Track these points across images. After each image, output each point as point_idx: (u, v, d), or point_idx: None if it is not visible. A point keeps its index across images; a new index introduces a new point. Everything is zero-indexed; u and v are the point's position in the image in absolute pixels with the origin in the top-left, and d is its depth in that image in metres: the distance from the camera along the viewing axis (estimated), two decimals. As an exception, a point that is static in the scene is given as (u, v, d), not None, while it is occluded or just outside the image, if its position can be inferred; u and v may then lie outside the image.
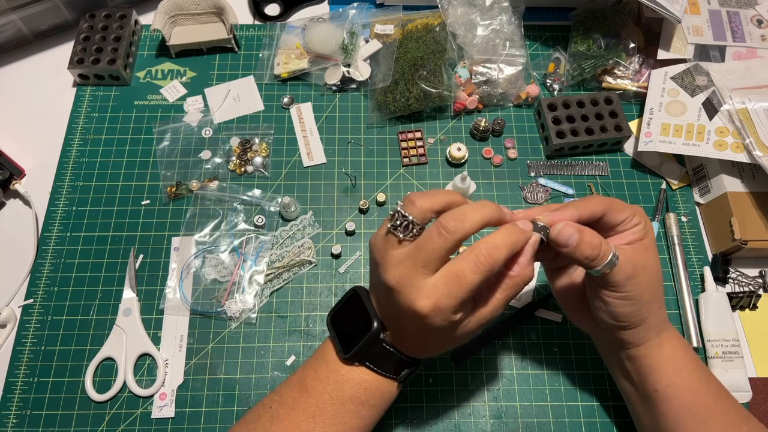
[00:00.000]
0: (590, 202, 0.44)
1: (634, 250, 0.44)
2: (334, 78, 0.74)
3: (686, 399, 0.46)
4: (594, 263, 0.42)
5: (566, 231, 0.42)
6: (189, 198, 0.67)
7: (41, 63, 0.76)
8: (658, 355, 0.47)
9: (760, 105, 0.65)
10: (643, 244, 0.45)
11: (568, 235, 0.42)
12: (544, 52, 0.78)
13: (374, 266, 0.43)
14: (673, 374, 0.47)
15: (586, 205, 0.44)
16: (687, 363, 0.48)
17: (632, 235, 0.45)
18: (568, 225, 0.42)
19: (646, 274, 0.44)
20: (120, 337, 0.59)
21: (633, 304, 0.45)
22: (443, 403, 0.58)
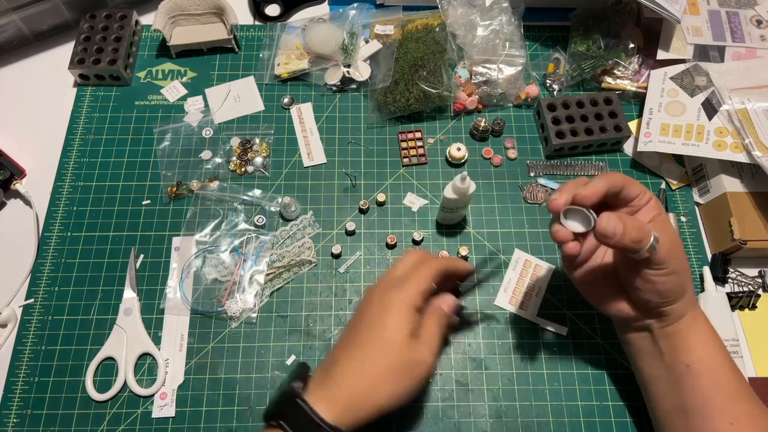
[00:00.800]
0: (612, 176, 0.46)
1: (661, 225, 0.46)
2: (334, 78, 0.74)
3: (715, 375, 0.47)
4: (640, 245, 0.43)
5: (612, 221, 0.43)
6: (189, 198, 0.67)
7: (42, 63, 0.77)
8: (694, 329, 0.48)
9: (759, 105, 0.65)
10: (661, 219, 0.47)
11: (614, 225, 0.43)
12: (544, 53, 0.78)
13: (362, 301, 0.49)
14: (704, 349, 0.48)
15: (609, 178, 0.46)
16: (715, 340, 0.49)
17: (651, 211, 0.47)
18: (611, 216, 0.43)
19: (677, 248, 0.46)
20: (120, 336, 0.59)
21: (677, 277, 0.46)
22: (443, 403, 0.58)
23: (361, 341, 0.45)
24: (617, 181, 0.46)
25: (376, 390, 0.43)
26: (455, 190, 0.57)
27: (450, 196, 0.58)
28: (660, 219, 0.47)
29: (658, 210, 0.47)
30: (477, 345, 0.60)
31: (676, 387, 0.49)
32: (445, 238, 0.66)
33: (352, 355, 0.44)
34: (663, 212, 0.47)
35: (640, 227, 0.43)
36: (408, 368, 0.44)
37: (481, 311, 0.62)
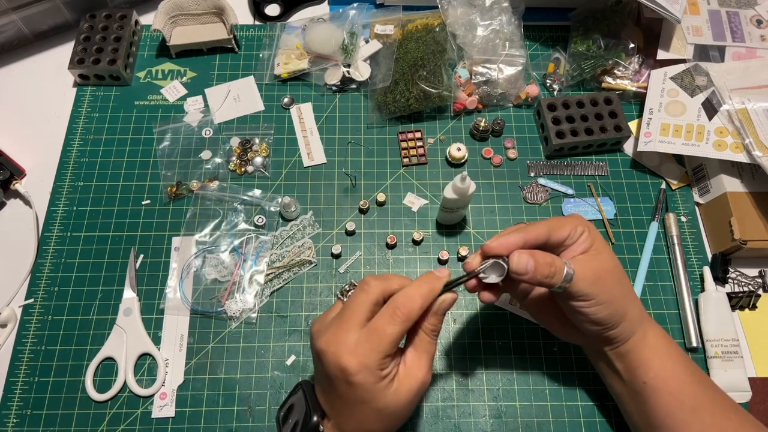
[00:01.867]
0: (534, 228, 0.46)
1: (588, 258, 0.46)
2: (334, 78, 0.74)
3: (673, 389, 0.47)
4: (553, 281, 0.44)
5: (522, 258, 0.43)
6: (189, 198, 0.67)
7: (42, 63, 0.77)
8: (643, 347, 0.48)
9: (759, 105, 0.65)
10: (595, 248, 0.46)
11: (525, 262, 0.43)
12: (544, 53, 0.78)
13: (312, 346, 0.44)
14: (659, 365, 0.48)
15: (529, 230, 0.46)
16: (671, 352, 0.49)
17: (582, 245, 0.46)
18: (522, 253, 0.44)
19: (609, 275, 0.46)
20: (120, 336, 0.59)
21: (608, 306, 0.46)
22: (443, 403, 0.58)
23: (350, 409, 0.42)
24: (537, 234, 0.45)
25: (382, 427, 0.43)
26: (455, 190, 0.57)
27: (450, 196, 0.58)
28: (592, 251, 0.46)
29: (590, 242, 0.46)
30: (477, 345, 0.60)
31: (639, 404, 0.49)
32: (445, 238, 0.66)
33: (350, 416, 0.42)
34: (597, 243, 0.47)
35: (550, 263, 0.44)
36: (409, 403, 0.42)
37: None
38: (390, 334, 0.40)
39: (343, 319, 0.42)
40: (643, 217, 0.68)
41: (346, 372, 0.40)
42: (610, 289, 0.46)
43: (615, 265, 0.47)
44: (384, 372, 0.41)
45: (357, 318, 0.42)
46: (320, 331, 0.43)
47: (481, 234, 0.66)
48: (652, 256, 0.65)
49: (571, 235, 0.46)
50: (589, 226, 0.47)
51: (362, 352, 0.40)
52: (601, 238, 0.48)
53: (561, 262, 0.44)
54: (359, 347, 0.40)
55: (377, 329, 0.41)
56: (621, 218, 0.67)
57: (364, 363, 0.40)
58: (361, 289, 0.43)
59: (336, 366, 0.40)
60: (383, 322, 0.41)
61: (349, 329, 0.41)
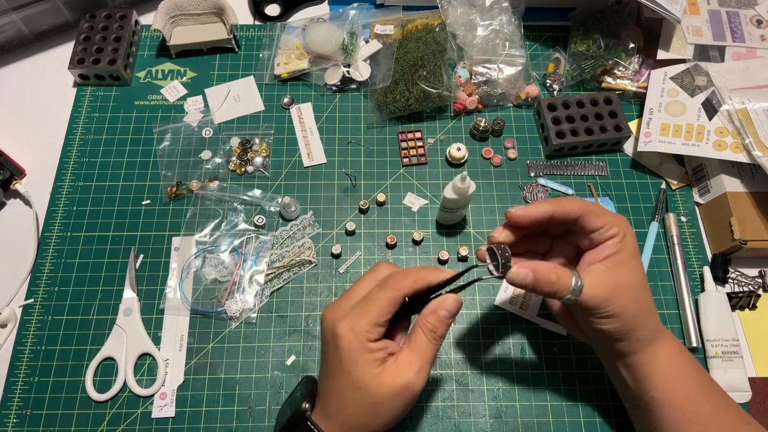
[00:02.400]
0: (568, 202, 0.45)
1: (606, 270, 0.44)
2: (334, 78, 0.74)
3: (682, 405, 0.46)
4: (556, 295, 0.43)
5: (520, 274, 0.43)
6: (189, 198, 0.67)
7: (42, 63, 0.77)
8: (652, 363, 0.47)
9: (759, 105, 0.65)
10: (617, 260, 0.44)
11: (523, 277, 0.43)
12: (544, 53, 0.78)
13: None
14: (668, 381, 0.47)
15: (562, 203, 0.44)
16: (682, 369, 0.47)
17: (607, 250, 0.44)
18: (521, 268, 0.43)
19: (624, 292, 0.44)
20: (120, 336, 0.59)
21: (616, 321, 0.45)
22: (443, 403, 0.58)
23: (336, 384, 0.43)
24: (568, 210, 0.44)
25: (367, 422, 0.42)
26: (455, 190, 0.57)
27: (450, 196, 0.58)
28: (614, 260, 0.44)
29: (616, 249, 0.44)
30: (477, 345, 0.60)
31: (646, 415, 0.49)
32: (445, 238, 0.66)
33: (333, 393, 0.43)
34: (624, 252, 0.44)
35: (553, 280, 0.43)
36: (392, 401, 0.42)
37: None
38: (379, 299, 0.42)
39: (348, 291, 0.45)
40: (643, 217, 0.68)
41: (336, 335, 0.42)
42: (623, 304, 0.44)
43: (635, 280, 0.45)
44: (371, 344, 0.42)
45: (360, 291, 0.44)
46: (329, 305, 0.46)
47: (481, 234, 0.66)
48: (652, 256, 0.65)
49: (601, 231, 0.44)
50: (626, 231, 0.45)
51: (353, 317, 0.42)
52: (632, 247, 0.45)
53: (568, 276, 0.43)
54: (351, 313, 0.43)
55: (368, 296, 0.43)
56: (621, 218, 0.67)
57: (352, 326, 0.42)
58: (372, 268, 0.46)
59: (330, 330, 0.43)
60: (374, 290, 0.43)
61: (350, 299, 0.44)
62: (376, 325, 0.42)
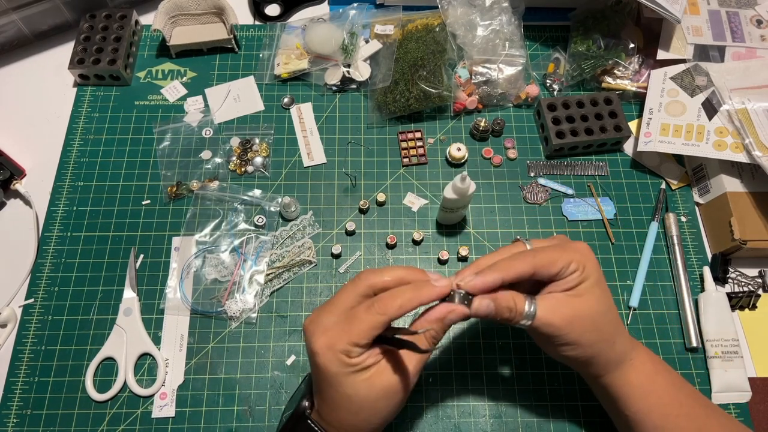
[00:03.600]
0: (517, 263, 0.44)
1: (564, 299, 0.44)
2: (334, 78, 0.74)
3: (657, 423, 0.46)
4: (512, 322, 0.44)
5: (482, 305, 0.43)
6: (189, 198, 0.67)
7: (42, 63, 0.77)
8: (623, 384, 0.47)
9: (759, 105, 0.65)
10: (576, 292, 0.44)
11: (485, 308, 0.43)
12: (544, 53, 0.78)
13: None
14: (641, 400, 0.47)
15: (511, 266, 0.44)
16: (655, 388, 0.47)
17: (566, 284, 0.45)
18: (482, 299, 0.43)
19: (582, 322, 0.44)
20: (120, 336, 0.59)
21: (575, 348, 0.45)
22: (443, 403, 0.58)
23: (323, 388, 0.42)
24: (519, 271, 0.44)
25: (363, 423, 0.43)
26: (455, 190, 0.57)
27: (450, 196, 0.58)
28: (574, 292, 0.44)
29: (576, 282, 0.44)
30: (477, 345, 0.60)
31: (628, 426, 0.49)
32: (445, 238, 0.66)
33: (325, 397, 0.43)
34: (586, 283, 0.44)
35: (511, 307, 0.43)
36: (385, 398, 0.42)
37: None
38: (362, 321, 0.40)
39: (329, 303, 0.43)
40: (643, 217, 0.68)
41: (313, 351, 0.41)
42: (579, 333, 0.44)
43: (595, 309, 0.45)
44: (352, 360, 0.40)
45: (341, 304, 0.42)
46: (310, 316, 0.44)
47: (481, 234, 0.66)
48: (652, 256, 0.65)
49: (561, 273, 0.44)
50: (585, 264, 0.45)
51: (332, 334, 0.41)
52: (594, 276, 0.45)
53: (522, 302, 0.44)
54: (331, 329, 0.41)
55: (352, 315, 0.41)
56: (621, 218, 0.68)
57: (330, 344, 0.40)
58: (352, 281, 0.43)
59: (308, 344, 0.42)
60: (360, 310, 0.41)
61: (330, 312, 0.42)
62: (355, 346, 0.40)
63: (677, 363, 0.60)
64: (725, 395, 0.58)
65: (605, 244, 0.66)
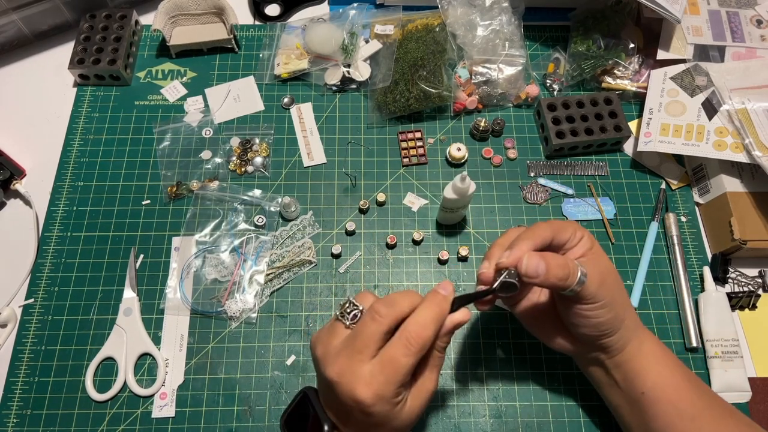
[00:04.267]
0: (539, 230, 0.46)
1: (591, 260, 0.46)
2: (334, 78, 0.74)
3: (672, 398, 0.47)
4: (567, 283, 0.44)
5: (533, 262, 0.43)
6: (189, 198, 0.67)
7: (42, 63, 0.77)
8: (639, 357, 0.48)
9: (759, 105, 0.65)
10: (594, 252, 0.47)
11: (536, 265, 0.43)
12: (544, 53, 0.78)
13: (316, 364, 0.43)
14: (656, 374, 0.48)
15: (535, 234, 0.46)
16: (667, 361, 0.49)
17: (582, 248, 0.47)
18: (531, 256, 0.43)
19: (612, 277, 0.47)
20: (120, 336, 0.59)
21: (610, 310, 0.46)
22: (443, 403, 0.58)
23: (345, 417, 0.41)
24: (543, 236, 0.46)
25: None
26: (455, 190, 0.57)
27: (450, 196, 0.58)
28: (592, 254, 0.47)
29: (590, 245, 0.47)
30: (477, 345, 0.60)
31: (639, 414, 0.49)
32: (445, 238, 0.66)
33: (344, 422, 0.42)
34: (595, 246, 0.47)
35: (563, 265, 0.43)
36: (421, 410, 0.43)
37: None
38: (405, 365, 0.39)
39: (355, 349, 0.40)
40: (643, 217, 0.68)
41: (363, 404, 0.39)
42: (612, 292, 0.46)
43: (614, 269, 0.48)
44: (398, 398, 0.41)
45: (370, 349, 0.40)
46: (327, 356, 0.42)
47: (481, 234, 0.66)
48: (652, 256, 0.65)
49: (571, 238, 0.47)
50: (588, 233, 0.48)
51: (377, 385, 0.39)
52: (597, 244, 0.48)
53: (575, 264, 0.44)
54: (374, 379, 0.39)
55: (391, 360, 0.39)
56: (621, 218, 0.68)
57: (380, 395, 0.39)
58: (372, 318, 0.41)
59: (351, 398, 0.39)
60: (398, 354, 0.40)
61: (363, 360, 0.40)
62: (401, 386, 0.40)
63: (677, 363, 0.60)
64: (725, 395, 0.58)
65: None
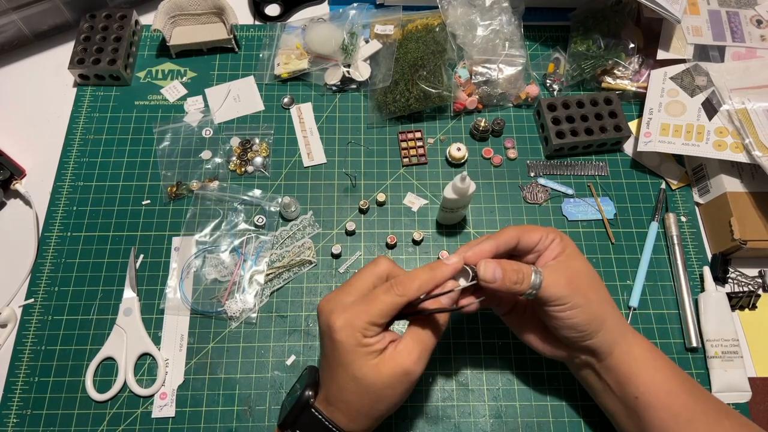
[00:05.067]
0: (505, 233, 0.48)
1: (558, 263, 0.47)
2: (334, 78, 0.74)
3: (666, 402, 0.47)
4: (521, 287, 0.45)
5: (489, 267, 0.45)
6: (189, 198, 0.67)
7: (42, 63, 0.77)
8: (630, 360, 0.48)
9: (759, 105, 0.65)
10: (566, 254, 0.48)
11: (492, 270, 0.45)
12: (544, 53, 0.78)
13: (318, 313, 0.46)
14: (649, 378, 0.47)
15: (501, 235, 0.48)
16: (659, 364, 0.48)
17: (553, 251, 0.48)
18: (488, 262, 0.45)
19: (582, 279, 0.47)
20: (120, 336, 0.59)
21: (584, 310, 0.46)
22: (443, 403, 0.58)
23: (333, 371, 0.43)
24: (507, 239, 0.48)
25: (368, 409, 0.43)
26: (455, 190, 0.57)
27: (450, 196, 0.58)
28: (564, 257, 0.47)
29: (561, 248, 0.48)
30: (477, 345, 0.60)
31: (633, 418, 0.49)
32: (445, 238, 0.66)
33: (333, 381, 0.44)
34: (569, 249, 0.48)
35: (517, 269, 0.45)
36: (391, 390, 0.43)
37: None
38: (381, 302, 0.42)
39: (347, 284, 0.45)
40: (643, 217, 0.68)
41: (331, 327, 0.42)
42: (584, 292, 0.46)
43: (588, 271, 0.48)
44: (367, 339, 0.42)
45: (359, 286, 0.44)
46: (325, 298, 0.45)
47: (481, 234, 0.66)
48: (652, 256, 0.65)
49: (541, 241, 0.48)
50: (562, 235, 0.49)
51: (352, 312, 0.42)
52: (574, 246, 0.49)
53: (528, 268, 0.45)
54: (351, 308, 0.43)
55: (372, 296, 0.43)
56: (621, 218, 0.68)
57: (349, 321, 0.42)
58: (372, 263, 0.46)
59: (326, 321, 0.43)
60: (379, 291, 0.43)
61: (349, 293, 0.44)
62: (373, 325, 0.42)
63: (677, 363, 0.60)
64: (725, 395, 0.58)
65: (605, 244, 0.66)
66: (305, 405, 0.44)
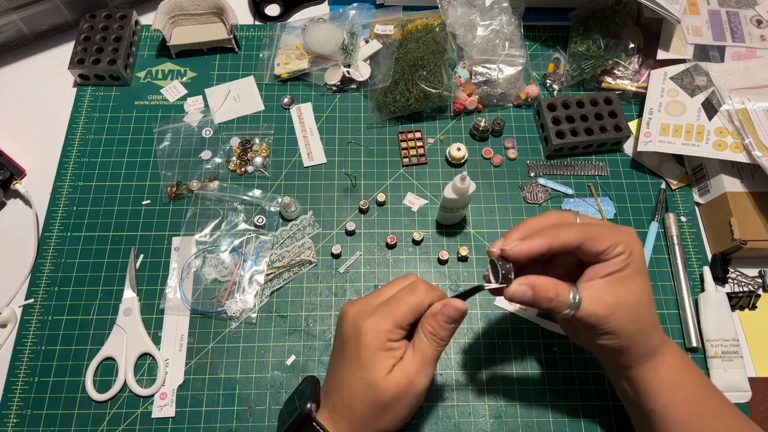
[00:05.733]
0: (565, 232, 0.43)
1: (607, 287, 0.43)
2: (334, 78, 0.74)
3: (683, 418, 0.46)
4: (555, 311, 0.43)
5: (519, 292, 0.43)
6: (189, 198, 0.67)
7: (42, 63, 0.77)
8: (652, 377, 0.46)
9: (759, 105, 0.65)
10: (620, 277, 0.43)
11: (521, 294, 0.43)
12: (544, 53, 0.78)
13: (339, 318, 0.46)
14: (669, 396, 0.46)
15: (559, 234, 0.43)
16: (685, 383, 0.47)
17: (611, 267, 0.43)
18: (520, 286, 0.43)
19: (624, 311, 0.43)
20: (120, 336, 0.59)
21: (614, 338, 0.44)
22: (443, 403, 0.58)
23: (346, 376, 0.43)
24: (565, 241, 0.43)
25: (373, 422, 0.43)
26: (455, 190, 0.57)
27: (450, 196, 0.58)
28: (616, 278, 0.43)
29: (622, 267, 0.43)
30: (477, 345, 0.60)
31: (647, 425, 0.48)
32: (445, 238, 0.66)
33: (343, 388, 0.44)
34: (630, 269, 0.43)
35: (551, 297, 0.42)
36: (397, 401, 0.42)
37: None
38: (406, 303, 0.43)
39: (374, 293, 0.46)
40: (643, 217, 0.68)
41: (360, 330, 0.43)
42: (621, 323, 0.43)
43: (637, 298, 0.44)
44: (391, 343, 0.43)
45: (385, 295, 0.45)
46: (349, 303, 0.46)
47: (481, 234, 0.66)
48: (652, 256, 0.65)
49: (607, 252, 0.43)
50: (633, 248, 0.43)
51: (378, 315, 0.43)
52: (639, 263, 0.44)
53: (566, 292, 0.42)
54: (377, 311, 0.43)
55: (396, 298, 0.44)
56: (621, 218, 0.68)
57: (377, 324, 0.43)
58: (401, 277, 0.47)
59: (353, 324, 0.43)
60: (403, 293, 0.44)
61: (376, 299, 0.45)
62: (398, 327, 0.43)
63: (677, 363, 0.60)
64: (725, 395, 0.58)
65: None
66: (306, 418, 0.44)
